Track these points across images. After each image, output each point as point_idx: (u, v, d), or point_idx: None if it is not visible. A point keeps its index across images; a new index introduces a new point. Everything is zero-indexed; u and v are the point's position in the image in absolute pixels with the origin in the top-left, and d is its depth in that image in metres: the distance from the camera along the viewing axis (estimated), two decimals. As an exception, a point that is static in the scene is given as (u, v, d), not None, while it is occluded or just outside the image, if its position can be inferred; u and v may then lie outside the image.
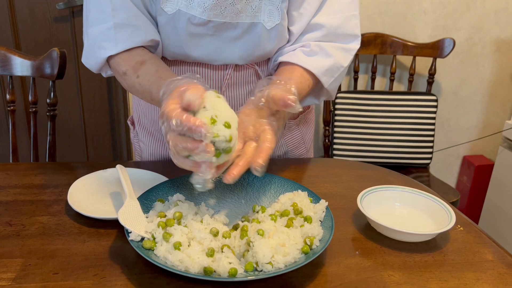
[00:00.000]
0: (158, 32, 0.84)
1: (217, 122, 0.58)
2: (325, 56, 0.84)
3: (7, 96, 1.27)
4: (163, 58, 0.90)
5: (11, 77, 1.26)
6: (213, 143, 0.57)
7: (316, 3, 0.83)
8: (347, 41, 0.86)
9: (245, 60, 0.87)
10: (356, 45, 0.86)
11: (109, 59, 0.83)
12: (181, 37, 0.82)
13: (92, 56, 0.85)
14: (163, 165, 0.94)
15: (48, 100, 1.25)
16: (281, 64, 0.87)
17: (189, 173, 0.76)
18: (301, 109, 0.67)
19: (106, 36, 0.80)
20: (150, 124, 1.00)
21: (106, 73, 0.88)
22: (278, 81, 0.69)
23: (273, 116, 0.70)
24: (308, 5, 0.82)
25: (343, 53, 0.85)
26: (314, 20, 0.84)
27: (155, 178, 0.82)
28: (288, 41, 0.87)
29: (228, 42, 0.83)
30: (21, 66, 1.23)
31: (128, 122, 1.11)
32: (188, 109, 0.58)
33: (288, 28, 0.85)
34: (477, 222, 2.08)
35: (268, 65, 0.92)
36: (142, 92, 0.80)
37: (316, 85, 0.87)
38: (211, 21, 0.80)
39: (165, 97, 0.63)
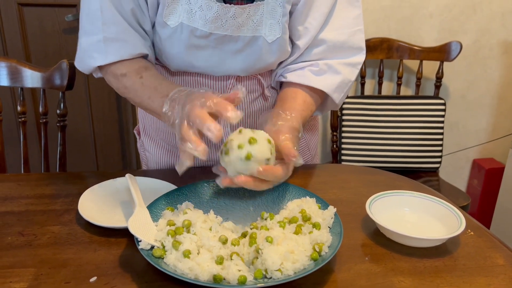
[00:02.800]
0: (153, 44, 0.88)
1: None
2: (334, 73, 0.86)
3: (19, 108, 1.29)
4: (166, 69, 0.92)
5: (22, 89, 1.29)
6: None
7: (321, 18, 0.84)
8: (353, 55, 0.88)
9: (247, 72, 0.88)
10: (361, 58, 0.89)
11: (104, 66, 0.85)
12: (184, 49, 0.84)
13: (83, 63, 0.88)
14: (172, 174, 0.95)
15: (58, 111, 1.27)
16: (285, 83, 0.89)
17: (195, 182, 0.77)
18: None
19: (96, 48, 0.83)
20: (155, 133, 1.01)
21: (96, 75, 0.91)
22: (283, 116, 0.74)
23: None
24: (313, 19, 0.84)
25: (350, 69, 0.87)
26: (320, 36, 0.85)
27: (164, 187, 0.82)
28: (292, 54, 0.88)
29: (230, 54, 0.85)
30: (31, 78, 1.25)
31: (135, 132, 1.12)
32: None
33: (294, 42, 0.87)
34: (488, 226, 2.06)
35: (271, 75, 0.93)
36: (140, 91, 0.81)
37: (323, 101, 0.90)
38: (213, 34, 0.81)
39: (182, 97, 0.68)
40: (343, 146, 1.85)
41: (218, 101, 0.63)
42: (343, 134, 1.85)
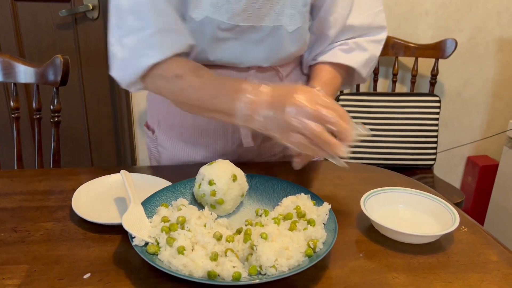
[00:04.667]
0: None
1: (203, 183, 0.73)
2: (361, 50, 0.91)
3: (12, 103, 1.28)
4: None
5: (15, 84, 1.27)
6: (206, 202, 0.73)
7: (349, 6, 0.88)
8: (377, 33, 0.93)
9: (269, 62, 0.89)
10: (384, 35, 0.95)
11: (156, 67, 0.78)
12: (207, 42, 0.83)
13: (130, 67, 0.79)
14: (166, 170, 0.94)
15: (52, 107, 1.26)
16: (317, 64, 0.93)
17: (190, 178, 0.77)
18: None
19: (149, 43, 0.77)
20: (170, 128, 1.00)
21: (135, 88, 0.83)
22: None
23: None
24: (342, 9, 0.88)
25: (375, 45, 0.93)
26: (348, 22, 0.90)
27: (158, 183, 0.82)
28: (322, 43, 0.92)
29: (252, 44, 0.85)
30: (24, 73, 1.24)
31: (145, 127, 1.10)
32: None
33: (325, 33, 0.90)
34: (482, 223, 2.07)
35: (289, 66, 0.95)
36: (202, 91, 0.76)
37: (350, 75, 0.96)
38: (238, 26, 0.81)
39: (270, 98, 0.67)
40: (338, 143, 1.85)
41: (340, 127, 0.64)
42: (339, 131, 1.85)
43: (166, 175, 0.85)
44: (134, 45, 0.77)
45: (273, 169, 0.94)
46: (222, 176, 0.71)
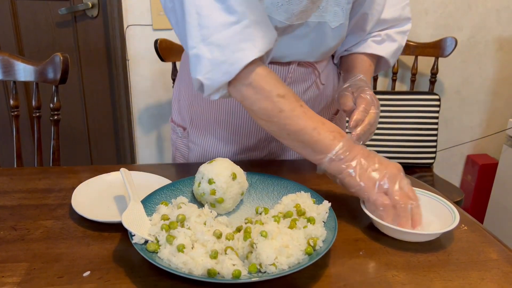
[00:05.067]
0: None
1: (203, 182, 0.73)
2: (391, 41, 0.98)
3: (11, 102, 1.27)
4: None
5: (14, 82, 1.27)
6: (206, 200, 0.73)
7: (383, 2, 0.94)
8: (403, 24, 1.00)
9: (311, 56, 0.91)
10: (410, 26, 1.02)
11: (250, 74, 0.72)
12: None
13: (223, 66, 0.71)
14: (166, 168, 0.94)
15: (51, 105, 1.26)
16: (351, 55, 1.00)
17: (189, 176, 0.77)
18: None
19: (243, 36, 0.70)
20: (204, 125, 1.01)
21: (220, 94, 0.75)
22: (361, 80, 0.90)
23: None
24: (378, 5, 0.93)
25: (402, 36, 1.00)
26: (381, 17, 0.96)
27: (158, 181, 0.82)
28: (358, 38, 0.97)
29: (297, 39, 0.87)
30: (24, 71, 1.24)
31: (172, 125, 1.10)
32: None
33: (363, 28, 0.95)
34: (482, 221, 2.08)
35: (324, 63, 0.98)
36: (304, 119, 0.72)
37: (378, 63, 1.03)
38: (292, 25, 0.83)
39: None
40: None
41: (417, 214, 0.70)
42: (338, 130, 1.85)
43: (166, 173, 0.85)
44: (226, 41, 0.70)
45: (273, 167, 0.94)
46: (221, 175, 0.71)
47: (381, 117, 1.81)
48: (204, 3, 0.70)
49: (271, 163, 0.98)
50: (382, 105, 1.82)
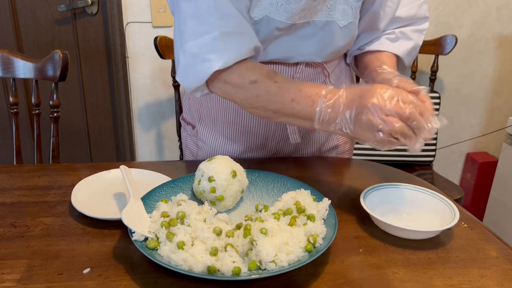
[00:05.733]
0: None
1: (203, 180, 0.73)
2: (406, 39, 0.95)
3: (11, 99, 1.27)
4: None
5: (14, 79, 1.27)
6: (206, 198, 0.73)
7: (397, 0, 0.91)
8: (420, 23, 0.97)
9: (318, 56, 0.89)
10: (427, 25, 0.98)
11: (222, 72, 0.75)
12: (263, 40, 0.83)
13: (192, 72, 0.76)
14: (166, 166, 0.94)
15: (51, 102, 1.25)
16: (362, 54, 0.96)
17: (189, 174, 0.77)
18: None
19: (211, 47, 0.73)
20: (212, 124, 1.01)
21: (201, 93, 0.80)
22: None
23: None
24: (392, 3, 0.91)
25: (419, 34, 0.97)
26: (395, 14, 0.93)
27: (158, 179, 0.82)
28: (371, 36, 0.94)
29: (304, 39, 0.85)
30: (23, 68, 1.24)
31: (182, 122, 1.12)
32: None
33: (376, 27, 0.92)
34: (481, 219, 2.08)
35: (334, 63, 0.96)
36: (280, 95, 0.74)
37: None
38: (294, 24, 0.82)
39: (349, 100, 0.68)
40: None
41: (418, 123, 0.65)
42: (338, 127, 1.85)
43: (166, 171, 0.85)
44: (197, 50, 0.75)
45: (273, 165, 0.94)
46: (221, 172, 0.71)
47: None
48: (185, 10, 0.75)
49: (270, 161, 0.98)
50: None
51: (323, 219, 0.67)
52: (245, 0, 0.77)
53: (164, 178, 0.82)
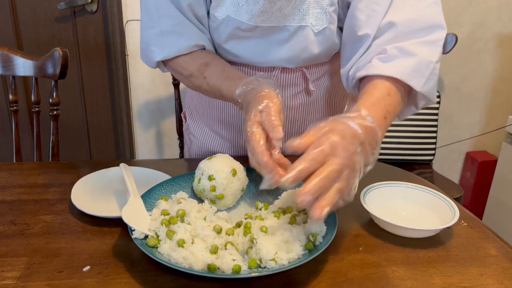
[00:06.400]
0: (210, 33, 0.87)
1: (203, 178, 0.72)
2: (406, 56, 0.71)
3: (10, 96, 1.27)
4: None
5: (13, 77, 1.27)
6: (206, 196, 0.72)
7: (386, 1, 0.73)
8: (429, 33, 0.72)
9: (292, 63, 0.87)
10: (440, 34, 0.73)
11: (168, 61, 0.87)
12: (229, 40, 0.84)
13: (146, 57, 0.89)
14: (166, 164, 0.94)
15: (50, 100, 1.25)
16: (364, 79, 0.74)
17: (189, 172, 0.77)
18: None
19: (154, 41, 0.85)
20: (201, 119, 1.03)
21: (163, 70, 0.91)
22: (351, 113, 0.61)
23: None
24: (376, 4, 0.73)
25: (429, 47, 0.72)
26: (386, 19, 0.73)
27: (158, 176, 0.82)
28: (359, 47, 0.77)
29: (275, 44, 0.84)
30: (23, 66, 1.24)
31: (182, 115, 1.15)
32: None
33: (357, 34, 0.76)
34: (480, 218, 2.08)
35: (317, 69, 0.90)
36: (211, 91, 0.83)
37: (411, 91, 0.74)
38: (259, 27, 0.81)
39: (244, 102, 0.70)
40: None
41: (269, 121, 0.62)
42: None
43: (166, 169, 0.84)
44: (145, 39, 0.87)
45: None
46: (221, 171, 0.71)
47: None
48: (141, 4, 0.86)
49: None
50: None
51: (323, 217, 0.67)
52: (188, 4, 0.81)
53: (164, 176, 0.82)
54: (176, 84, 1.70)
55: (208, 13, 0.85)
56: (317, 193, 0.50)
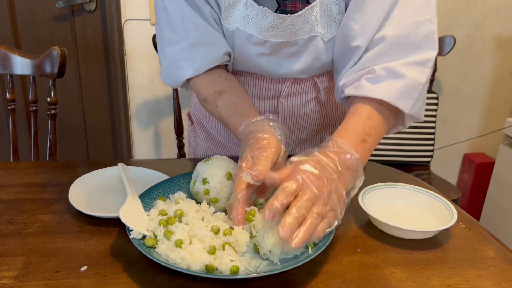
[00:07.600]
0: None
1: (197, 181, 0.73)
2: (394, 78, 0.70)
3: (8, 95, 1.26)
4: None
5: (11, 76, 1.26)
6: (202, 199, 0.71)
7: (381, 12, 0.71)
8: (419, 52, 0.72)
9: (304, 73, 0.87)
10: (430, 54, 0.72)
11: (188, 81, 0.84)
12: (241, 52, 0.83)
13: (171, 76, 0.85)
14: (164, 164, 0.94)
15: (48, 99, 1.25)
16: (350, 99, 0.75)
17: (187, 172, 0.77)
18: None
19: (184, 56, 0.81)
20: (208, 123, 1.03)
21: (186, 88, 0.88)
22: (334, 146, 0.64)
23: None
24: (371, 15, 0.71)
25: (417, 68, 0.71)
26: (378, 34, 0.72)
27: (156, 176, 0.82)
28: (349, 59, 0.77)
29: (286, 58, 0.83)
30: (21, 65, 1.23)
31: (187, 116, 1.15)
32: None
33: (349, 45, 0.75)
34: (478, 220, 2.08)
35: (327, 77, 0.91)
36: (221, 121, 0.82)
37: (398, 112, 0.74)
38: (268, 41, 0.80)
39: (243, 141, 0.70)
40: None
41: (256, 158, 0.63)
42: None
43: (164, 169, 0.84)
44: (173, 56, 0.83)
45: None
46: (215, 175, 0.71)
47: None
48: (161, 18, 0.82)
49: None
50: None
51: (321, 218, 0.67)
52: (208, 7, 0.80)
53: (162, 176, 0.82)
54: (174, 84, 1.70)
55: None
56: (295, 224, 0.55)
